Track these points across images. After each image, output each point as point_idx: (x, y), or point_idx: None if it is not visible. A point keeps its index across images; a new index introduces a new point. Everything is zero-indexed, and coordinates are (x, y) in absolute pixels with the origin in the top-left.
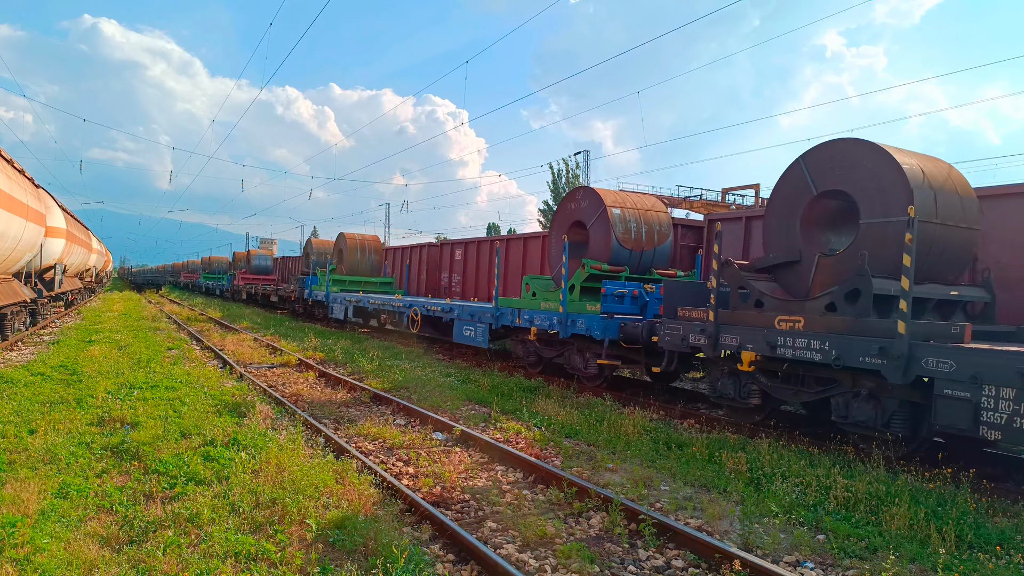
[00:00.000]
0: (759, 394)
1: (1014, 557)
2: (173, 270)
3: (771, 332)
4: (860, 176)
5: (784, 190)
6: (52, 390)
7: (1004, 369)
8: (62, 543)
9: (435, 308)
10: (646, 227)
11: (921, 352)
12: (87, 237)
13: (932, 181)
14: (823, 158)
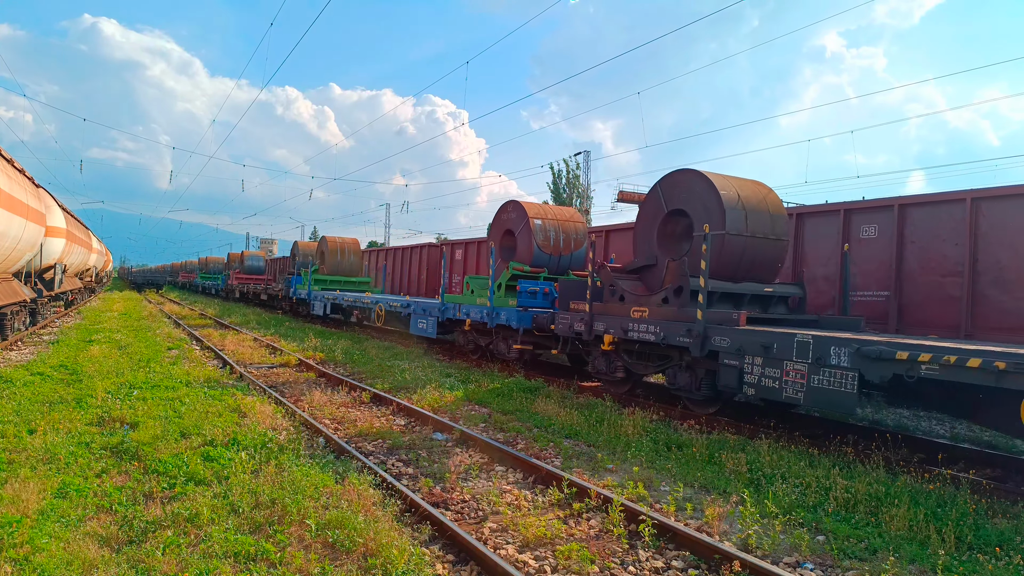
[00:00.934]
0: (623, 369)
1: (1013, 558)
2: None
3: (626, 320)
4: (694, 199)
5: (647, 208)
6: (52, 390)
7: (755, 344)
8: (61, 543)
9: (396, 304)
10: (564, 235)
11: (712, 332)
12: (87, 237)
13: (745, 203)
14: (671, 184)
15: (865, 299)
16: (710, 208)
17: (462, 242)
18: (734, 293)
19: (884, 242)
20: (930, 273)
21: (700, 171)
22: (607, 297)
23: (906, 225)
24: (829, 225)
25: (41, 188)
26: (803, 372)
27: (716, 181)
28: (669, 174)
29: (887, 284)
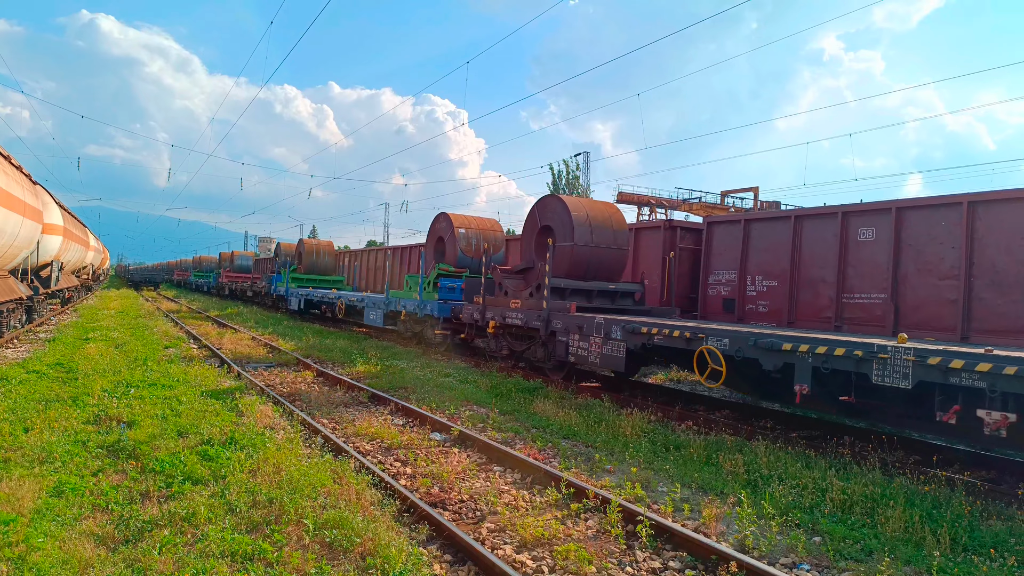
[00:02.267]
0: (507, 348)
1: (1008, 560)
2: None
3: (506, 309)
4: (556, 218)
5: (527, 223)
6: (48, 388)
7: (575, 325)
8: (57, 542)
9: (353, 299)
10: (484, 241)
11: (552, 317)
12: (84, 234)
13: (592, 221)
14: (543, 206)
15: (862, 301)
16: (566, 225)
17: (409, 247)
18: (584, 289)
19: (881, 245)
20: (927, 276)
21: (560, 197)
22: (496, 292)
23: (903, 228)
24: (827, 228)
25: (38, 185)
26: (599, 343)
27: (570, 204)
28: (542, 198)
29: (884, 287)
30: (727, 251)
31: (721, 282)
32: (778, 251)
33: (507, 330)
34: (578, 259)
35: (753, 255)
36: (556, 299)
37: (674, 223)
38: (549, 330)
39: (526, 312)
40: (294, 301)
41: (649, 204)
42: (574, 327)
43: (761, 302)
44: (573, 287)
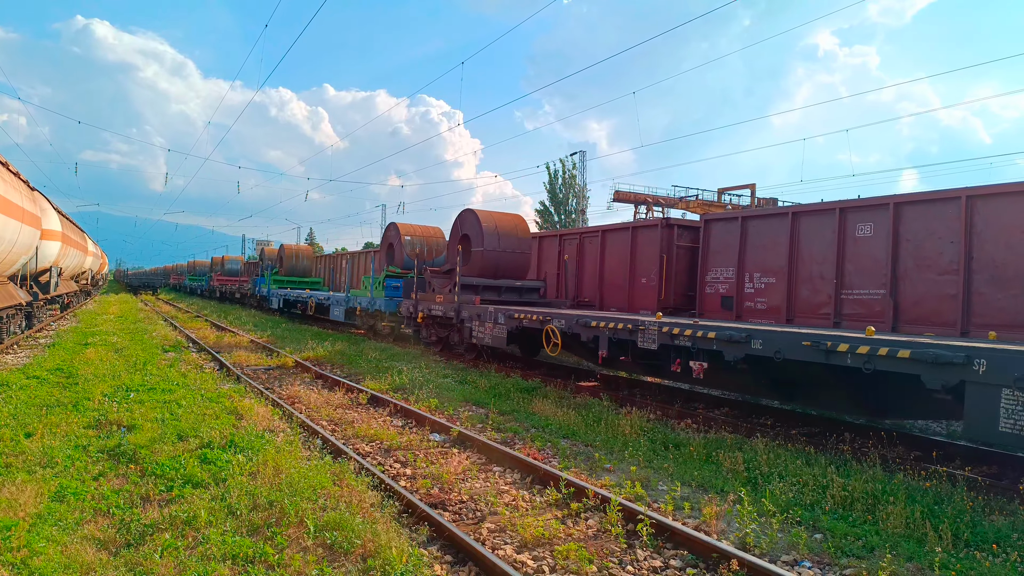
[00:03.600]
0: (435, 335)
1: (1010, 555)
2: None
3: (432, 303)
4: (472, 228)
5: (452, 231)
6: (48, 393)
7: (476, 314)
8: (59, 546)
9: (321, 298)
10: (427, 247)
11: (462, 308)
12: (83, 240)
13: (500, 230)
14: (462, 218)
15: (861, 297)
16: (479, 233)
17: (367, 252)
18: (494, 286)
19: (880, 241)
20: (926, 271)
21: (475, 210)
22: (427, 289)
23: (901, 223)
24: (825, 224)
25: (36, 191)
26: (491, 327)
27: (481, 216)
28: (461, 212)
29: (883, 283)
30: (725, 249)
31: (719, 280)
32: (776, 248)
33: (434, 320)
34: (488, 261)
35: (751, 252)
36: (467, 294)
37: (671, 221)
38: (460, 318)
39: (445, 305)
40: (275, 301)
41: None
42: (475, 316)
43: (759, 299)
44: (484, 284)
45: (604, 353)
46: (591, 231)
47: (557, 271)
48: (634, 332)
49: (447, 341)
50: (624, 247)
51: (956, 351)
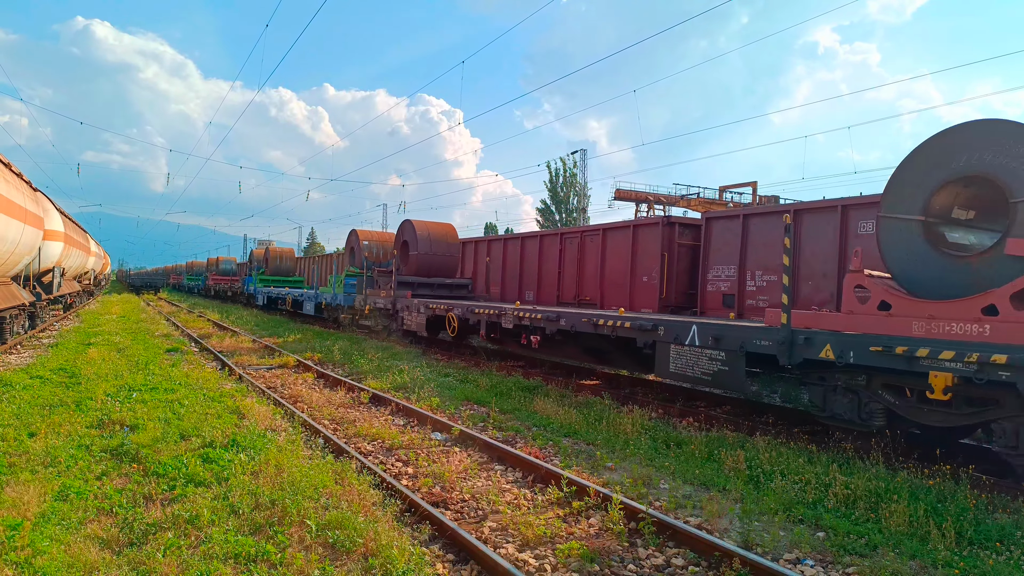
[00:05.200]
0: (381, 325)
1: (1014, 553)
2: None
3: (377, 298)
4: (410, 234)
5: (396, 237)
6: (51, 393)
7: (406, 307)
8: (62, 546)
9: (297, 294)
10: (383, 250)
11: (397, 301)
12: (85, 240)
13: (432, 236)
14: (403, 227)
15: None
16: (414, 240)
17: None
18: (428, 283)
19: None
20: None
21: (412, 221)
22: (376, 286)
23: None
24: (827, 222)
25: (39, 192)
26: (416, 316)
27: (417, 225)
28: (402, 222)
29: None
30: (726, 246)
31: (720, 278)
32: (778, 246)
33: (378, 311)
34: (422, 263)
35: (752, 250)
36: (403, 290)
37: (672, 219)
38: (395, 309)
39: (386, 299)
40: (260, 298)
41: (647, 201)
42: (406, 307)
43: (761, 297)
44: (418, 281)
45: (483, 332)
46: (592, 229)
47: (559, 270)
48: (499, 316)
49: (389, 328)
50: (625, 246)
51: (649, 322)
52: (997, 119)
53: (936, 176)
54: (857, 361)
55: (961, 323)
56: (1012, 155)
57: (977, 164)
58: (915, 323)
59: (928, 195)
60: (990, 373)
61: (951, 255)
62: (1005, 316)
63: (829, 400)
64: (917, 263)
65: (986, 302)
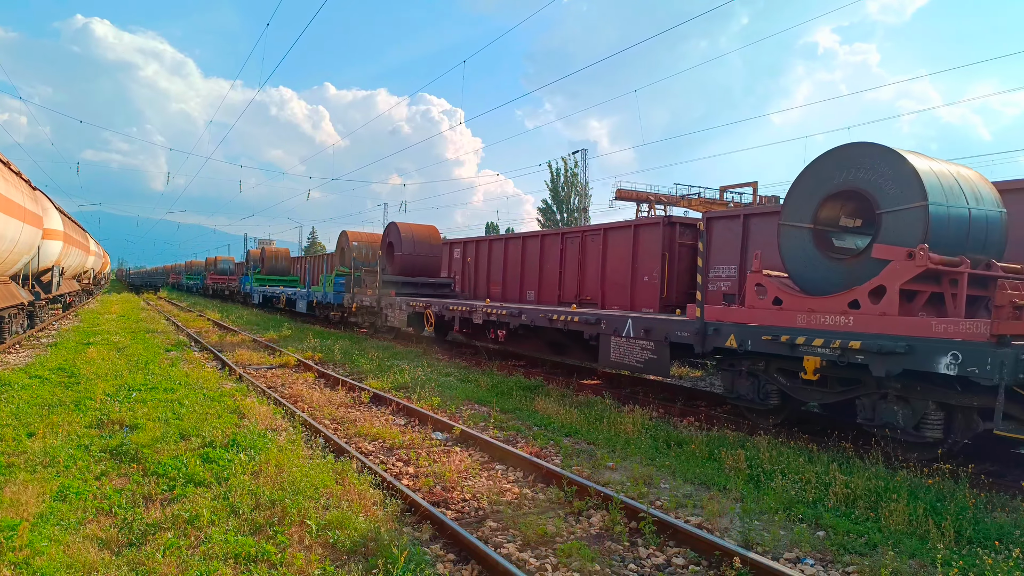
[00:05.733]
0: (368, 321)
1: (1013, 552)
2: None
3: (364, 296)
4: (395, 236)
5: (383, 239)
6: (50, 393)
7: (390, 304)
8: (61, 546)
9: (290, 293)
10: (371, 250)
11: (382, 299)
12: (84, 239)
13: (416, 238)
14: (388, 228)
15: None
16: (399, 241)
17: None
18: (412, 282)
19: None
20: None
21: (397, 223)
22: (362, 285)
23: None
24: None
25: (38, 191)
26: (398, 312)
27: (402, 227)
28: (388, 224)
29: None
30: (727, 246)
31: (721, 277)
32: None
33: (364, 308)
34: (406, 263)
35: (753, 250)
36: (387, 288)
37: (673, 219)
38: (380, 307)
39: (372, 297)
40: (256, 297)
41: (648, 200)
42: (389, 304)
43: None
44: (402, 281)
45: (456, 327)
46: (593, 229)
47: (560, 269)
48: (471, 313)
49: (374, 325)
50: (626, 245)
51: (593, 317)
52: (867, 142)
53: (822, 190)
54: (754, 349)
55: (832, 315)
56: (878, 173)
57: (852, 181)
58: (799, 315)
59: (816, 207)
60: (849, 357)
61: (833, 257)
62: (865, 309)
63: (736, 383)
64: (807, 264)
65: (851, 297)
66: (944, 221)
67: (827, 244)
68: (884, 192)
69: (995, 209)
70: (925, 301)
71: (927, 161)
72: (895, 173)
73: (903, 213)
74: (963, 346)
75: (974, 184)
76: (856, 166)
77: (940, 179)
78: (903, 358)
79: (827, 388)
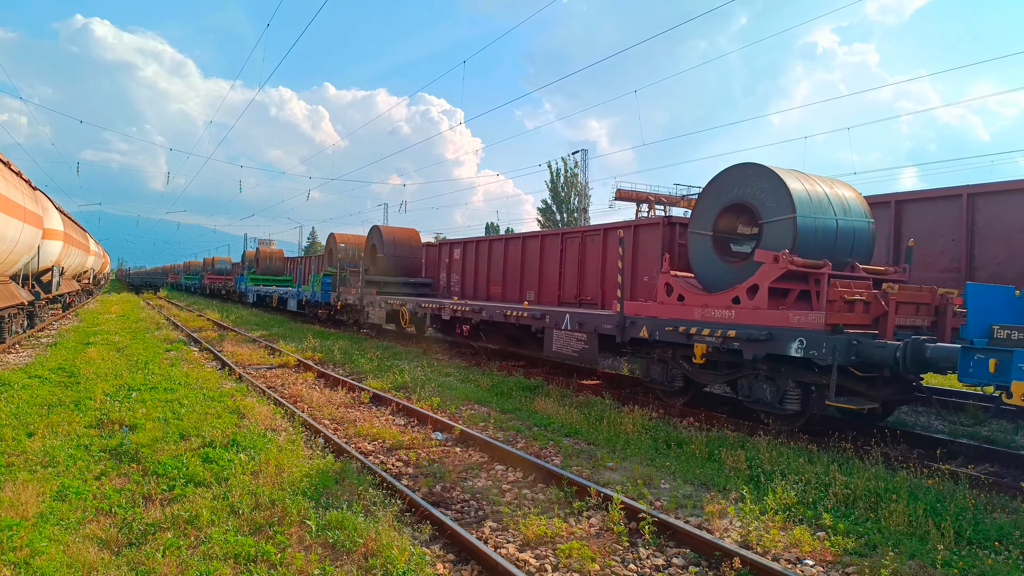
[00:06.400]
0: (352, 319)
1: (1013, 553)
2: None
3: (348, 295)
4: (377, 239)
5: (367, 241)
6: (50, 393)
7: (370, 302)
8: (61, 546)
9: (282, 292)
10: (358, 252)
11: (364, 298)
12: (84, 239)
13: (397, 241)
14: (372, 231)
15: None
16: (381, 243)
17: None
18: (393, 282)
19: (881, 238)
20: (928, 269)
21: (379, 226)
22: (348, 284)
23: (903, 221)
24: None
25: (38, 191)
26: (378, 310)
27: (384, 230)
28: (372, 227)
29: None
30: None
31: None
32: None
33: (348, 306)
34: (387, 264)
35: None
36: (370, 288)
37: (673, 219)
38: (362, 305)
39: (355, 296)
40: (250, 296)
41: (648, 201)
42: (370, 303)
43: None
44: (384, 280)
45: (428, 324)
46: (593, 230)
47: (559, 270)
48: (439, 310)
49: (358, 322)
50: (627, 245)
51: (539, 312)
52: (755, 163)
53: (720, 203)
54: (661, 338)
55: (720, 309)
56: (762, 189)
57: (743, 195)
58: (696, 310)
59: (715, 217)
60: (728, 344)
61: (728, 260)
62: (743, 304)
63: (649, 368)
64: (708, 266)
65: (734, 294)
66: (811, 231)
67: (725, 249)
68: (765, 205)
69: (862, 220)
70: (796, 297)
71: (802, 180)
72: (774, 189)
73: (778, 223)
74: (807, 333)
75: (845, 199)
76: (746, 183)
77: (811, 195)
78: (766, 344)
79: (717, 371)
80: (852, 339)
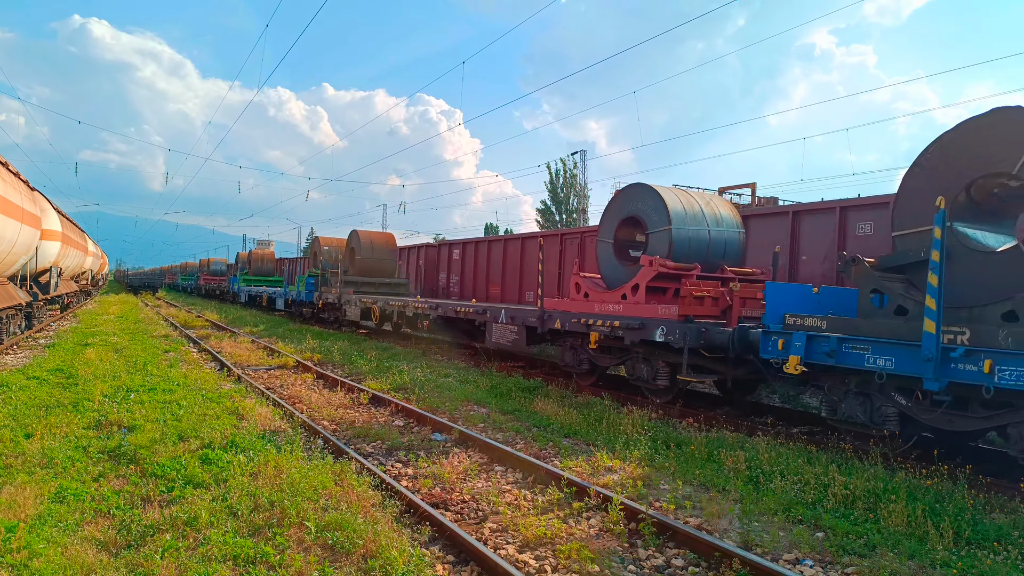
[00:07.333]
0: (332, 316)
1: (1011, 553)
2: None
3: (328, 294)
4: (356, 242)
5: (347, 245)
6: (48, 394)
7: (347, 300)
8: (59, 548)
9: (271, 292)
10: (340, 253)
11: (342, 297)
12: (83, 240)
13: (374, 244)
14: (351, 235)
15: None
16: (359, 246)
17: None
18: (370, 282)
19: (880, 238)
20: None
21: (358, 231)
22: (328, 284)
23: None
24: (825, 223)
25: (36, 191)
26: (352, 307)
27: (361, 234)
28: (351, 232)
29: None
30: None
31: None
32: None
33: (328, 305)
34: (365, 265)
35: (751, 251)
36: (348, 288)
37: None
38: (340, 303)
39: (335, 295)
40: (242, 296)
41: None
42: (347, 301)
43: None
44: (362, 280)
45: (395, 319)
46: (592, 230)
47: (559, 270)
48: (404, 307)
49: (338, 320)
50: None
51: (481, 308)
52: (643, 183)
53: (619, 216)
54: (570, 328)
55: (612, 304)
56: (648, 205)
57: (634, 210)
58: (596, 304)
59: (615, 227)
60: (615, 332)
61: (625, 263)
62: (629, 300)
63: (565, 355)
64: (610, 268)
65: (623, 292)
66: (685, 240)
67: (624, 254)
68: (651, 219)
69: (734, 230)
70: (673, 294)
71: (681, 197)
72: (656, 206)
73: (659, 233)
74: (668, 323)
75: (719, 213)
76: (638, 200)
77: (687, 210)
78: (640, 331)
79: (611, 355)
80: (701, 327)
